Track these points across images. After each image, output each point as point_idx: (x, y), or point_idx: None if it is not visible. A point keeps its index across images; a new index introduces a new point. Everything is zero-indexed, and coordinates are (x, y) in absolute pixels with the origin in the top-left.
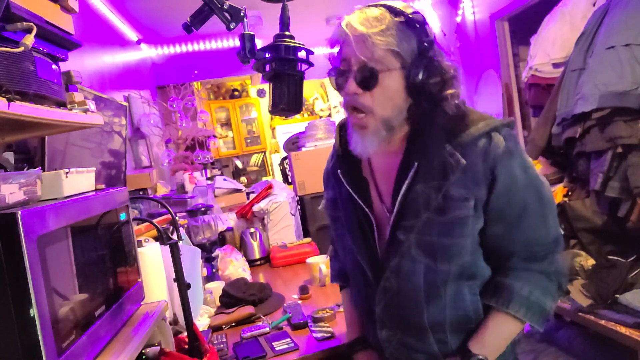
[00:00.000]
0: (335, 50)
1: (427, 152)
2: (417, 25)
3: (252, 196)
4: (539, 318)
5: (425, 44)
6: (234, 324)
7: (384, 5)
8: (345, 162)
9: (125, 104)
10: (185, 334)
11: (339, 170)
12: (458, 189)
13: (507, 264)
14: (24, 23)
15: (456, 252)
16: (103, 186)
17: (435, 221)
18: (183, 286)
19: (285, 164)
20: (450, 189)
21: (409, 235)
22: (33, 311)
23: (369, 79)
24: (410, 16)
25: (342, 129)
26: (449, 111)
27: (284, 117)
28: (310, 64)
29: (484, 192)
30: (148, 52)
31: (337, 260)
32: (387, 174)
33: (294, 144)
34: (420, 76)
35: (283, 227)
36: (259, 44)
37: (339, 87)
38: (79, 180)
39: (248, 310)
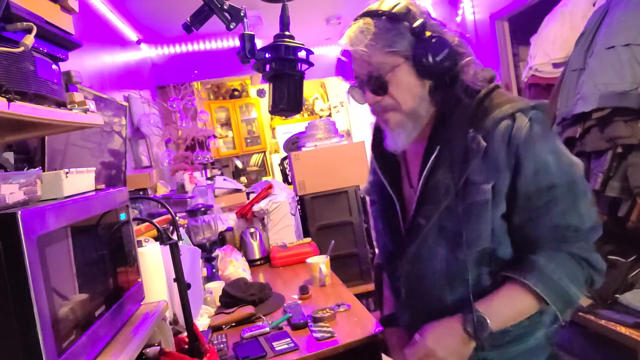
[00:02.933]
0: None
1: (450, 137)
2: (401, 16)
3: (252, 196)
4: (560, 301)
5: (417, 29)
6: (234, 324)
7: (365, 14)
8: (379, 145)
9: (125, 104)
10: (185, 334)
11: (371, 154)
12: (478, 174)
13: (536, 245)
14: (24, 23)
15: (475, 238)
16: (103, 186)
17: (455, 207)
18: (183, 286)
19: (285, 164)
20: (471, 175)
21: (430, 220)
22: (33, 311)
23: (379, 86)
24: (392, 11)
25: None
26: (471, 83)
27: (284, 117)
28: (310, 64)
29: (507, 176)
30: (148, 52)
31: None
32: (416, 159)
33: (294, 144)
34: (426, 59)
35: (283, 227)
36: (259, 44)
37: (360, 100)
38: (79, 180)
39: (248, 310)
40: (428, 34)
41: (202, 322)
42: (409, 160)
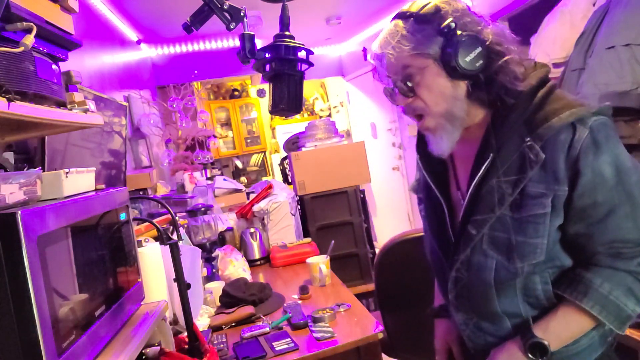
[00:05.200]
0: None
1: (505, 144)
2: (429, 17)
3: (252, 196)
4: (616, 319)
5: (445, 29)
6: (234, 324)
7: (396, 17)
8: (422, 146)
9: (125, 104)
10: (185, 334)
11: (417, 155)
12: (536, 185)
13: (591, 260)
14: (24, 23)
15: (531, 251)
16: (103, 186)
17: (509, 218)
18: (183, 286)
19: (285, 164)
20: (528, 186)
21: (481, 230)
22: (33, 311)
23: (406, 87)
24: (420, 12)
25: None
26: (509, 84)
27: (284, 117)
28: (310, 64)
29: (565, 188)
30: (148, 52)
31: None
32: (466, 161)
33: (294, 144)
34: (454, 59)
35: (283, 227)
36: (259, 44)
37: (394, 102)
38: (79, 180)
39: (248, 310)
40: (459, 33)
41: (202, 322)
42: (457, 162)
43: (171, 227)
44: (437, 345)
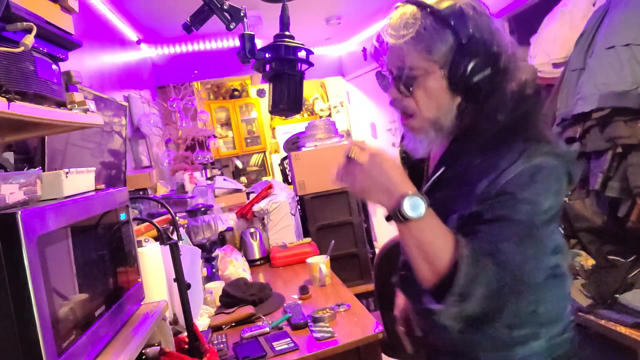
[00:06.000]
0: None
1: (458, 159)
2: (451, 20)
3: (252, 196)
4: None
5: (463, 41)
6: (234, 324)
7: (415, 3)
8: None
9: (125, 104)
10: (185, 334)
11: (398, 150)
12: (460, 203)
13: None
14: (24, 23)
15: None
16: (103, 186)
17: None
18: (183, 286)
19: (285, 164)
20: (455, 204)
21: None
22: (33, 311)
23: (407, 85)
24: (443, 12)
25: None
26: (503, 108)
27: (284, 117)
28: (310, 64)
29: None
30: (148, 52)
31: None
32: (432, 163)
33: (294, 144)
34: (461, 73)
35: (283, 227)
36: (259, 44)
37: (384, 89)
38: (79, 180)
39: (248, 310)
40: (476, 49)
41: (202, 322)
42: (431, 163)
43: (171, 227)
44: (397, 314)
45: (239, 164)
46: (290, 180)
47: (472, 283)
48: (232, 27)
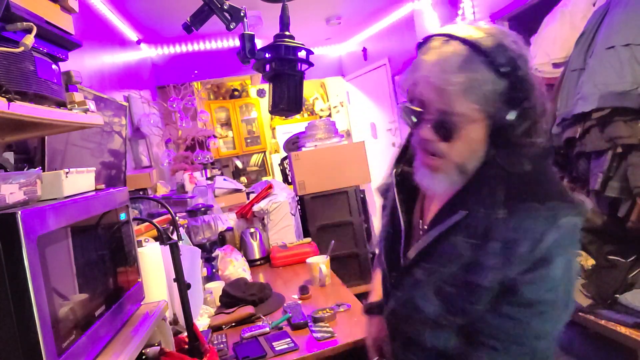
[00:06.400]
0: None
1: (480, 207)
2: (505, 69)
3: (252, 196)
4: None
5: (515, 88)
6: (234, 324)
7: (468, 42)
8: (401, 167)
9: (125, 104)
10: (185, 334)
11: (394, 171)
12: (493, 258)
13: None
14: (24, 23)
15: (472, 311)
16: (103, 186)
17: (459, 277)
18: (183, 286)
19: (285, 164)
20: (486, 256)
21: (429, 278)
22: (33, 311)
23: (447, 131)
24: (497, 58)
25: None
26: (525, 162)
27: (284, 117)
28: (310, 64)
29: (516, 270)
30: (148, 52)
31: None
32: (437, 198)
33: (294, 144)
34: (507, 129)
35: (283, 227)
36: (259, 44)
37: (410, 124)
38: (79, 180)
39: (248, 310)
40: (520, 96)
41: (202, 322)
42: (430, 195)
43: (171, 227)
44: (368, 343)
45: (239, 164)
46: (290, 180)
47: None
48: (232, 27)
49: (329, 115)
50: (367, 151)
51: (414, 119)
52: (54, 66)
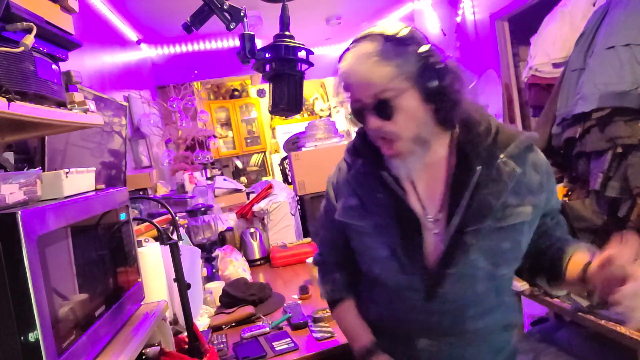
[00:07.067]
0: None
1: (485, 160)
2: (409, 42)
3: (252, 196)
4: None
5: (425, 54)
6: (234, 324)
7: (371, 35)
8: (376, 171)
9: (125, 104)
10: (185, 334)
11: (383, 173)
12: (515, 197)
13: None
14: (24, 23)
15: (514, 257)
16: (103, 186)
17: (495, 227)
18: (183, 286)
19: (285, 164)
20: (509, 197)
21: (475, 242)
22: (33, 311)
23: (385, 110)
24: (398, 36)
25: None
26: (472, 111)
27: (284, 117)
28: (310, 64)
29: (543, 199)
30: (148, 52)
31: (339, 271)
32: (431, 179)
33: (294, 144)
34: (433, 84)
35: (283, 227)
36: (259, 44)
37: (361, 123)
38: (79, 180)
39: (248, 310)
40: (433, 59)
41: (202, 322)
42: (420, 185)
43: (171, 227)
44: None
45: (239, 164)
46: (290, 180)
47: None
48: (232, 27)
49: (329, 115)
50: None
51: (361, 118)
52: (54, 66)
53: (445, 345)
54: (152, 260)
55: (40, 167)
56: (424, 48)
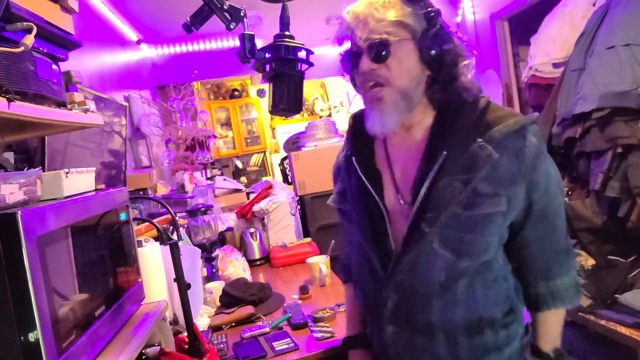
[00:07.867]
0: (345, 46)
1: (456, 143)
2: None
3: (252, 196)
4: (579, 294)
5: (433, 13)
6: (234, 324)
7: None
8: (359, 152)
9: (125, 104)
10: (185, 334)
11: (353, 158)
12: (487, 184)
13: (538, 264)
14: (24, 23)
15: (480, 250)
16: (103, 186)
17: (461, 216)
18: (183, 286)
19: (285, 164)
20: (479, 184)
21: (432, 228)
22: (33, 311)
23: (381, 51)
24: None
25: (356, 119)
26: (465, 90)
27: (284, 117)
28: (310, 64)
29: (521, 191)
30: (148, 52)
31: (344, 254)
32: (407, 163)
33: (294, 144)
34: (432, 45)
35: (283, 227)
36: (259, 44)
37: (353, 70)
38: (79, 180)
39: (248, 310)
40: (440, 26)
41: (202, 322)
42: (397, 166)
43: (171, 227)
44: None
45: (239, 164)
46: (290, 180)
47: None
48: (232, 27)
49: (329, 115)
50: None
51: (354, 64)
52: (54, 66)
53: (414, 336)
54: (152, 260)
55: (40, 167)
56: (432, 9)
